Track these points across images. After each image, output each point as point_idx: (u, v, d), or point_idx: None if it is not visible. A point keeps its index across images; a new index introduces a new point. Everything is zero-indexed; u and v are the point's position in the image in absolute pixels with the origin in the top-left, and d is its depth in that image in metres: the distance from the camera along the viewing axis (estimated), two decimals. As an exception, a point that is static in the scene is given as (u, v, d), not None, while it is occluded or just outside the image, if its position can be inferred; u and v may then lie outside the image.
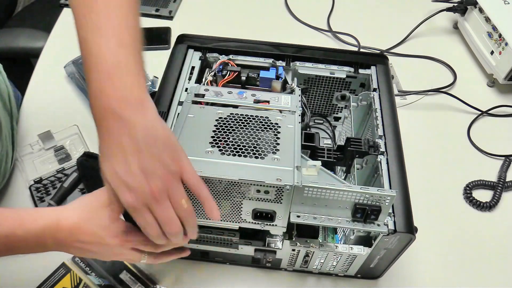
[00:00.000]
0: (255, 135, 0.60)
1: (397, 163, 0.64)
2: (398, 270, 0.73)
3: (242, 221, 0.60)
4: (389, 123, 0.69)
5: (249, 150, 0.58)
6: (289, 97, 0.68)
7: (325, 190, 0.55)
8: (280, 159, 0.57)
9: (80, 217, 0.54)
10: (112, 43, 0.48)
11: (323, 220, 0.58)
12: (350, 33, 1.12)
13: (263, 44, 0.78)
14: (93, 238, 0.54)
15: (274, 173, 0.55)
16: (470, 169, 0.88)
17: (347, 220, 0.58)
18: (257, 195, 0.56)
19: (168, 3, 1.16)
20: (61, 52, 1.00)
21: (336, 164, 0.73)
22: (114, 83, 0.47)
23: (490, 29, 0.99)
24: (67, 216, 0.54)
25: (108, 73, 0.47)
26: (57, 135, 0.86)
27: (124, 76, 0.48)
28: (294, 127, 0.62)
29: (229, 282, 0.72)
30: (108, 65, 0.47)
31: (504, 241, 0.80)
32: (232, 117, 0.63)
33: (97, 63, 0.48)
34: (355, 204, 0.56)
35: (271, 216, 0.59)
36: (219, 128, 0.61)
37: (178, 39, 0.80)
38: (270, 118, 0.63)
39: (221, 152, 0.57)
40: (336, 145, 0.82)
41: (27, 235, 0.53)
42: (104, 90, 0.47)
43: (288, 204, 0.57)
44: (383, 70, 0.77)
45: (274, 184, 0.54)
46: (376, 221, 0.58)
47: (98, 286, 0.69)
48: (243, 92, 0.68)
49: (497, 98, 1.01)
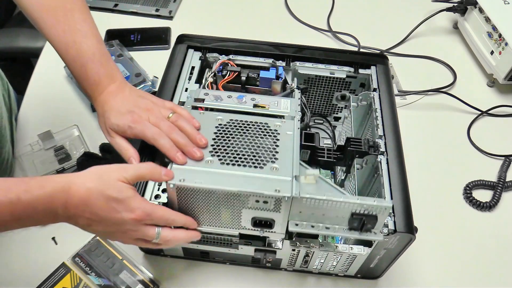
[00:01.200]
0: (254, 142, 0.60)
1: (397, 163, 0.64)
2: (398, 270, 0.73)
3: (242, 228, 0.61)
4: (389, 123, 0.69)
5: (248, 159, 0.58)
6: (289, 101, 0.68)
7: (322, 201, 0.56)
8: (279, 169, 0.57)
9: (93, 185, 0.52)
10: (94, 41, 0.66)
11: (320, 228, 0.58)
12: (350, 33, 1.12)
13: (263, 44, 0.78)
14: (107, 212, 0.52)
15: (272, 184, 0.56)
16: (470, 169, 0.88)
17: (344, 228, 0.58)
18: (256, 205, 0.57)
19: (168, 3, 1.16)
20: (61, 52, 1.00)
21: (336, 164, 0.73)
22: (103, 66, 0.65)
23: (490, 29, 0.99)
24: (79, 181, 0.52)
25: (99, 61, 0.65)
26: (57, 135, 0.86)
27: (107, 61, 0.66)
28: (293, 134, 0.62)
29: (229, 282, 0.72)
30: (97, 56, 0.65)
31: (504, 241, 0.80)
32: (231, 123, 0.63)
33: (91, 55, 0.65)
34: (352, 213, 0.57)
35: (270, 224, 0.60)
36: (219, 136, 0.61)
37: (178, 39, 0.80)
38: (269, 124, 0.63)
39: (220, 161, 0.58)
40: (336, 145, 0.82)
41: (35, 201, 0.50)
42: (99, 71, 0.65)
43: (286, 213, 0.58)
44: (383, 70, 0.77)
45: (273, 195, 0.55)
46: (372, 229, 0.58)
47: (98, 286, 0.69)
48: (243, 96, 0.68)
49: (497, 98, 1.01)
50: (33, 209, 0.50)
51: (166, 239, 0.57)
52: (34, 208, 0.50)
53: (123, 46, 0.99)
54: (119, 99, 0.64)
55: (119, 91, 0.65)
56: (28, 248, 0.74)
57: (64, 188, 0.52)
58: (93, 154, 0.83)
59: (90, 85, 0.65)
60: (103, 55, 0.65)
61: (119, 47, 0.98)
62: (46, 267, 0.70)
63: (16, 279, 0.71)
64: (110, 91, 0.64)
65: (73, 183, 0.52)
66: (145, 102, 0.64)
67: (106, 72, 0.65)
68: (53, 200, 0.51)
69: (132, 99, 0.64)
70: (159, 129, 0.60)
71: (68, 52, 0.65)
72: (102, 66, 0.65)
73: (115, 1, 1.14)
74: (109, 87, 0.64)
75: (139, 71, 0.93)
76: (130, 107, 0.63)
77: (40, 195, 0.51)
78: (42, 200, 0.51)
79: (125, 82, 0.67)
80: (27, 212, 0.50)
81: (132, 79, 0.92)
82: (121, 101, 0.63)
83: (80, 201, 0.52)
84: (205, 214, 0.60)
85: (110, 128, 0.63)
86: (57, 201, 0.51)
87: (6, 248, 0.73)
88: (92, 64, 0.64)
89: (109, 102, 0.64)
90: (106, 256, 0.72)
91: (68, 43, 0.64)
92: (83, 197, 0.52)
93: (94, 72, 0.64)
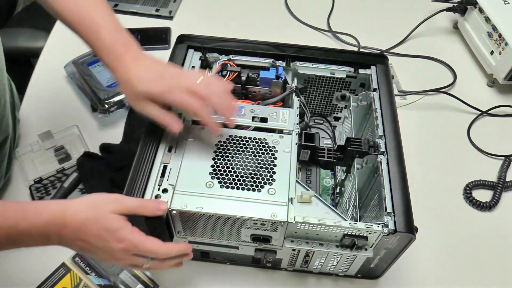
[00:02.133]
0: (253, 162, 0.63)
1: (397, 163, 0.64)
2: (398, 270, 0.73)
3: (241, 241, 0.64)
4: (389, 123, 0.69)
5: (247, 181, 0.61)
6: (288, 112, 0.70)
7: (315, 226, 0.59)
8: (275, 191, 0.61)
9: (87, 215, 0.54)
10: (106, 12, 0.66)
11: (315, 245, 0.62)
12: (350, 33, 1.12)
13: (263, 44, 0.78)
14: (98, 240, 0.54)
15: (269, 208, 0.59)
16: (470, 169, 0.88)
17: (336, 245, 0.62)
18: (254, 226, 0.60)
19: (168, 3, 1.16)
20: (61, 52, 1.00)
21: (336, 164, 0.73)
22: (118, 33, 0.65)
23: (490, 29, 0.99)
24: (74, 211, 0.54)
25: (114, 28, 0.65)
26: (57, 135, 0.86)
27: (121, 30, 0.66)
28: (290, 152, 0.65)
29: (229, 282, 0.72)
30: (110, 24, 0.65)
31: (504, 241, 0.80)
32: (231, 140, 0.65)
33: (105, 23, 0.64)
34: (344, 234, 0.60)
35: (268, 239, 0.63)
36: (219, 155, 0.64)
37: (178, 39, 0.80)
38: (268, 140, 0.66)
39: (220, 184, 0.61)
40: (336, 145, 0.82)
41: (31, 228, 0.52)
42: (114, 37, 0.64)
43: (283, 233, 0.61)
44: (383, 70, 0.77)
45: (269, 220, 0.58)
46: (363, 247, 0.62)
47: (98, 286, 0.69)
48: (242, 107, 0.70)
49: (497, 98, 1.01)
50: (28, 235, 0.53)
51: (156, 266, 0.59)
52: (30, 235, 0.53)
53: (123, 46, 0.99)
54: (143, 67, 0.62)
55: (139, 58, 0.64)
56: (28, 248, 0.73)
57: (59, 217, 0.54)
58: (93, 154, 0.83)
59: (107, 53, 0.64)
60: (117, 24, 0.65)
61: (119, 47, 0.98)
62: (46, 267, 0.70)
63: (16, 279, 0.71)
64: (130, 59, 0.63)
65: (69, 212, 0.54)
66: (172, 69, 0.64)
67: (121, 39, 0.64)
68: (48, 229, 0.53)
69: (158, 67, 0.63)
70: (192, 98, 0.61)
71: (81, 23, 0.64)
72: (117, 33, 0.64)
73: (115, 1, 1.14)
74: (127, 54, 0.63)
75: (139, 71, 0.93)
76: (158, 74, 0.62)
77: (36, 222, 0.53)
78: (38, 228, 0.53)
79: (141, 51, 0.66)
80: (22, 237, 0.53)
81: (132, 79, 0.92)
82: (145, 68, 0.62)
83: (74, 230, 0.54)
84: (207, 230, 0.63)
85: (139, 96, 0.62)
86: (52, 229, 0.54)
87: (6, 248, 0.73)
88: (106, 31, 0.63)
89: (133, 70, 0.62)
90: (106, 256, 0.72)
91: (81, 15, 0.64)
92: (77, 226, 0.54)
93: (110, 39, 0.63)
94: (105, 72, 0.93)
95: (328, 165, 0.76)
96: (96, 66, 0.94)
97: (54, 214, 0.54)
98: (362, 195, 0.69)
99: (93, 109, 0.92)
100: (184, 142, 0.65)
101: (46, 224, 0.53)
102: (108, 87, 0.90)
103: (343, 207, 0.71)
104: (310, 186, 0.73)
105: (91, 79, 0.92)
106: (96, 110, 0.90)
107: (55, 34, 1.08)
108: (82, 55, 0.96)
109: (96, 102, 0.89)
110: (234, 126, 0.66)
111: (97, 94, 0.89)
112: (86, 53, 0.96)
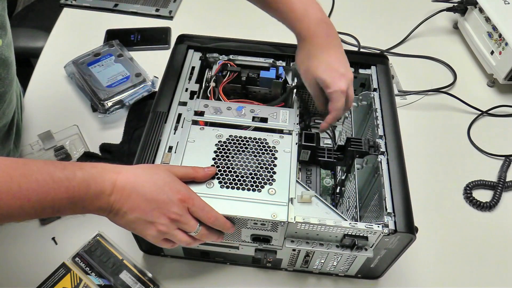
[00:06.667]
0: (253, 162, 0.63)
1: (397, 163, 0.64)
2: (398, 270, 0.73)
3: (241, 241, 0.64)
4: (389, 123, 0.69)
5: (247, 181, 0.61)
6: (287, 113, 0.70)
7: (315, 226, 0.59)
8: (276, 191, 0.60)
9: (143, 171, 0.56)
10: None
11: (315, 245, 0.62)
12: (350, 33, 1.12)
13: (263, 44, 0.78)
14: (154, 192, 0.54)
15: (269, 208, 0.59)
16: (470, 169, 0.88)
17: (336, 245, 0.62)
18: (254, 226, 0.60)
19: (168, 3, 1.16)
20: (61, 52, 1.00)
21: (336, 164, 0.73)
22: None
23: (490, 29, 0.99)
24: (129, 168, 0.55)
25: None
26: (57, 135, 0.86)
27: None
28: (290, 152, 0.65)
29: (229, 282, 0.72)
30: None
31: (504, 241, 0.80)
32: (231, 140, 0.65)
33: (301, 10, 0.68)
34: (344, 234, 0.60)
35: (268, 239, 0.63)
36: (219, 155, 0.63)
37: (178, 39, 0.80)
38: (268, 140, 0.66)
39: (220, 184, 0.61)
40: (336, 145, 0.82)
41: (89, 178, 0.52)
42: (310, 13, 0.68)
43: (283, 232, 0.61)
44: (383, 70, 0.77)
45: (269, 220, 0.58)
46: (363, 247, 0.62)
47: (98, 286, 0.69)
48: (242, 107, 0.70)
49: (497, 98, 1.01)
50: (86, 188, 0.51)
51: (202, 235, 0.58)
52: (87, 186, 0.51)
53: (123, 46, 0.99)
54: (325, 54, 0.66)
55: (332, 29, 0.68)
56: (28, 248, 0.74)
57: (114, 170, 0.54)
58: (93, 154, 0.83)
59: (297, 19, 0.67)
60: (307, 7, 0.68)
61: (119, 47, 0.98)
62: (46, 267, 0.70)
63: (16, 279, 0.71)
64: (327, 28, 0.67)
65: (122, 168, 0.55)
66: None
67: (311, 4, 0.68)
68: (104, 179, 0.53)
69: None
70: None
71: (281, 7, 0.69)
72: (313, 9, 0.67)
73: (115, 1, 1.14)
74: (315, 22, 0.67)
75: (139, 71, 0.93)
76: (343, 64, 0.67)
77: (93, 172, 0.52)
78: (95, 178, 0.52)
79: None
80: (81, 190, 0.51)
81: (132, 79, 0.92)
82: (328, 57, 0.66)
83: (128, 183, 0.54)
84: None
85: (313, 79, 0.67)
86: (108, 180, 0.53)
87: (7, 248, 0.73)
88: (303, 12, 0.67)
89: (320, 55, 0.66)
90: (106, 256, 0.72)
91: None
92: (131, 180, 0.54)
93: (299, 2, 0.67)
94: (105, 72, 0.93)
95: (328, 165, 0.76)
96: (96, 66, 0.94)
97: (109, 167, 0.54)
98: (362, 195, 0.69)
99: (93, 109, 0.92)
100: (184, 142, 0.65)
101: (102, 172, 0.53)
102: (108, 87, 0.90)
103: (343, 207, 0.71)
104: (310, 186, 0.73)
105: (91, 79, 0.92)
106: (96, 110, 0.90)
107: (55, 34, 1.08)
108: (82, 55, 0.96)
109: (96, 102, 0.89)
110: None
111: (97, 94, 0.89)
112: (86, 53, 0.96)
